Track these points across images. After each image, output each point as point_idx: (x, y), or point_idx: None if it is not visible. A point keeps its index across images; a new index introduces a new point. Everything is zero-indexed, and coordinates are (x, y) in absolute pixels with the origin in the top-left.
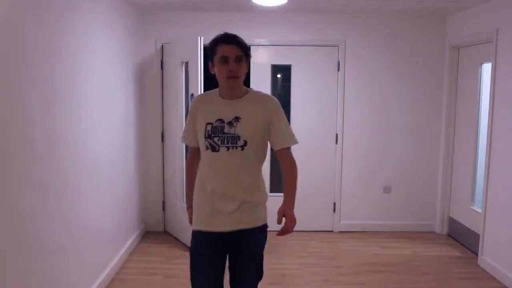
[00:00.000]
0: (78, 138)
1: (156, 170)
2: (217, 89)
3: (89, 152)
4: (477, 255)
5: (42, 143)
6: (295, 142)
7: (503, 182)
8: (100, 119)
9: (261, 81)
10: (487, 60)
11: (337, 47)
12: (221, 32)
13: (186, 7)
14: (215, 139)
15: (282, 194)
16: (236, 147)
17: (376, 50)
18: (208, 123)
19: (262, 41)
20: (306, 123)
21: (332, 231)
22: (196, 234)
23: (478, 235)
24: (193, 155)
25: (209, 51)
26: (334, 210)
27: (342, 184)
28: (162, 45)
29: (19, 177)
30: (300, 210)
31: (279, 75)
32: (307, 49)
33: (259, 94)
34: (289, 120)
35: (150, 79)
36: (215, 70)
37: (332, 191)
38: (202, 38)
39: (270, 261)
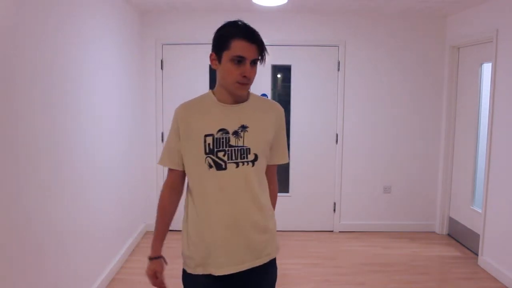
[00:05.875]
0: (78, 138)
1: (156, 170)
2: (208, 92)
3: (90, 152)
4: (477, 255)
5: (43, 143)
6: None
7: (503, 182)
8: (102, 118)
9: (261, 81)
10: (487, 60)
11: (337, 47)
12: (236, 20)
13: (186, 7)
14: (220, 154)
15: (286, 194)
16: (248, 162)
17: (376, 50)
18: (207, 135)
19: None
20: (306, 123)
21: (332, 231)
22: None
23: (478, 235)
24: (171, 187)
25: (217, 41)
26: (334, 210)
27: (342, 184)
28: (162, 45)
29: (19, 177)
30: (300, 210)
31: (279, 75)
32: (307, 49)
33: (262, 99)
34: (289, 120)
35: (150, 79)
36: (222, 69)
37: (332, 191)
38: None
39: None
